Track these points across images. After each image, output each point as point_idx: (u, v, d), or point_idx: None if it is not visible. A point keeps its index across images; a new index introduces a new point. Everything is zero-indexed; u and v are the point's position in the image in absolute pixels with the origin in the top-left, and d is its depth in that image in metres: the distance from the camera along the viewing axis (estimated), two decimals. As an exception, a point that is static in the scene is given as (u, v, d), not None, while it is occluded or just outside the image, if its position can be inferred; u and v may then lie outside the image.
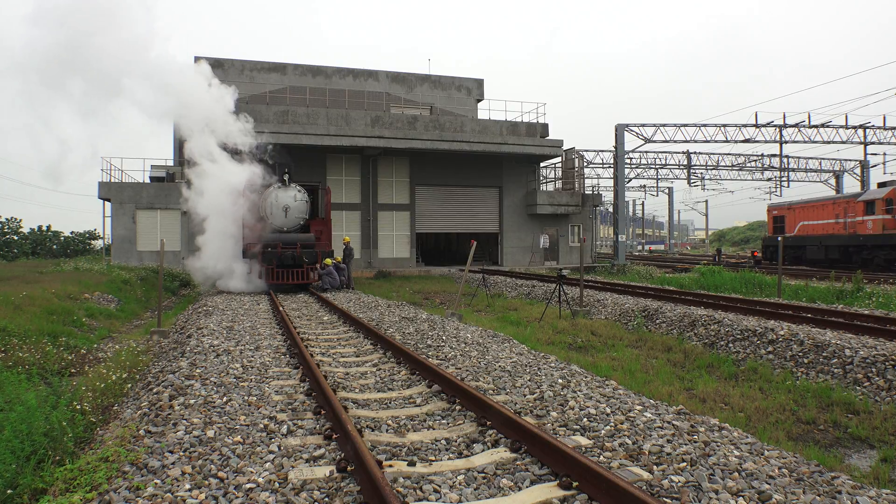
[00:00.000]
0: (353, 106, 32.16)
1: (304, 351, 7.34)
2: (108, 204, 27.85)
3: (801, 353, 8.58)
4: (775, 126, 37.02)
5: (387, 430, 4.97)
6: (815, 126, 37.16)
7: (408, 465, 4.10)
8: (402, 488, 3.76)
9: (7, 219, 42.17)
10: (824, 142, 38.10)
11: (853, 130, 37.91)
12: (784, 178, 47.76)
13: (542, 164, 35.96)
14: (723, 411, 6.48)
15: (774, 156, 44.10)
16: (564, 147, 33.12)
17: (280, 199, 18.80)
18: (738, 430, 4.88)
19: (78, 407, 5.59)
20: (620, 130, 34.84)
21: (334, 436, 4.62)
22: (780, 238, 18.15)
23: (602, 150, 44.45)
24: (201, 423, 4.83)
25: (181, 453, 4.21)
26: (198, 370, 6.74)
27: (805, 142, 37.97)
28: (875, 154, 43.06)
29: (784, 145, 38.14)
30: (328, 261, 18.67)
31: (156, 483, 3.72)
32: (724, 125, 37.24)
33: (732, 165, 47.04)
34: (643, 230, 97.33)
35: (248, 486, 3.72)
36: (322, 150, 29.76)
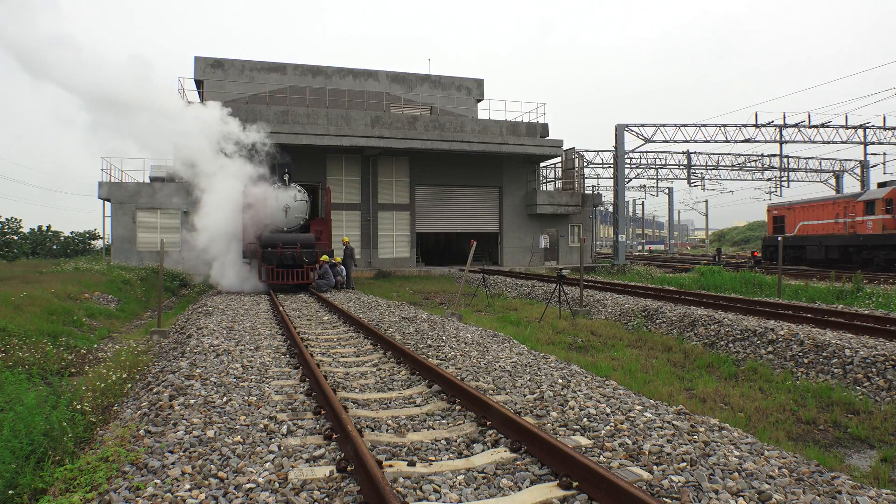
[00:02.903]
0: (353, 106, 32.16)
1: (304, 351, 7.34)
2: (108, 204, 27.85)
3: (801, 353, 8.58)
4: (775, 126, 37.02)
5: (387, 430, 4.96)
6: (815, 126, 37.17)
7: (408, 465, 4.10)
8: (402, 488, 3.76)
9: (7, 219, 42.15)
10: (824, 142, 38.12)
11: (853, 130, 37.92)
12: (784, 178, 47.76)
13: (542, 164, 35.97)
14: (723, 411, 6.48)
15: (774, 156, 44.13)
16: (564, 147, 33.13)
17: (280, 199, 18.80)
18: (738, 430, 4.88)
19: (78, 407, 5.59)
20: (620, 130, 34.84)
21: (334, 436, 4.62)
22: (780, 238, 18.14)
23: (602, 150, 44.50)
24: (201, 423, 4.83)
25: (181, 453, 4.21)
26: (198, 370, 6.74)
27: (805, 142, 38.02)
28: (875, 154, 43.13)
29: (784, 145, 38.16)
30: (325, 258, 18.59)
31: (156, 483, 3.72)
32: (724, 125, 37.26)
33: (732, 165, 47.05)
34: (643, 230, 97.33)
35: (248, 486, 3.72)
36: (322, 150, 29.76)
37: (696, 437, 4.53)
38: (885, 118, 37.52)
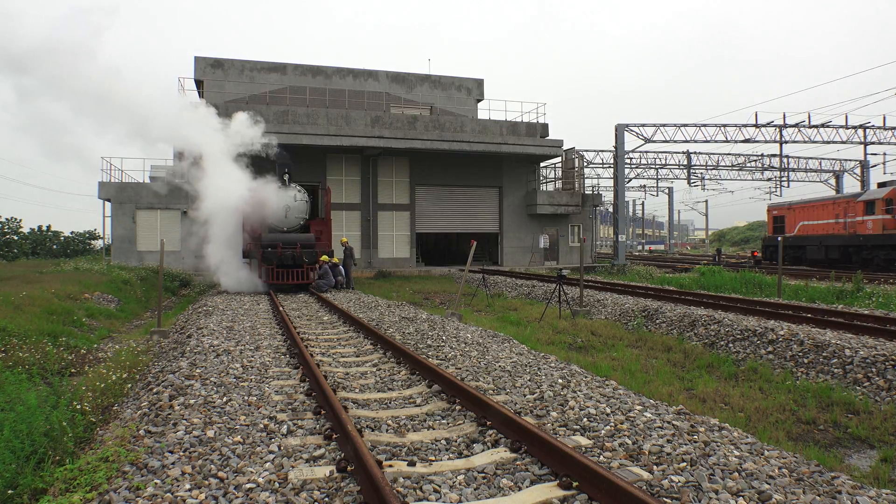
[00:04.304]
0: (353, 106, 32.15)
1: (304, 351, 7.34)
2: (108, 204, 27.85)
3: (801, 353, 8.58)
4: (775, 126, 37.03)
5: (387, 430, 4.97)
6: (815, 126, 37.17)
7: (408, 465, 4.10)
8: (402, 488, 3.76)
9: (7, 219, 42.15)
10: (824, 142, 38.12)
11: (853, 130, 37.92)
12: (784, 178, 47.77)
13: (542, 164, 35.97)
14: (723, 411, 6.48)
15: (774, 156, 44.13)
16: (564, 147, 33.13)
17: (280, 199, 18.79)
18: (738, 430, 4.88)
19: (78, 407, 5.59)
20: (620, 130, 34.84)
21: (334, 436, 4.62)
22: (780, 238, 18.14)
23: (602, 150, 44.52)
24: (201, 423, 4.83)
25: (181, 453, 4.21)
26: (198, 370, 6.74)
27: (805, 142, 38.03)
28: (875, 154, 43.08)
29: (784, 145, 38.17)
30: (325, 258, 18.58)
31: (156, 483, 3.72)
32: (724, 125, 37.27)
33: (732, 165, 47.07)
34: (643, 230, 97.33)
35: (248, 486, 3.73)
36: (322, 150, 29.76)
37: (696, 437, 4.53)
38: (885, 118, 37.56)
